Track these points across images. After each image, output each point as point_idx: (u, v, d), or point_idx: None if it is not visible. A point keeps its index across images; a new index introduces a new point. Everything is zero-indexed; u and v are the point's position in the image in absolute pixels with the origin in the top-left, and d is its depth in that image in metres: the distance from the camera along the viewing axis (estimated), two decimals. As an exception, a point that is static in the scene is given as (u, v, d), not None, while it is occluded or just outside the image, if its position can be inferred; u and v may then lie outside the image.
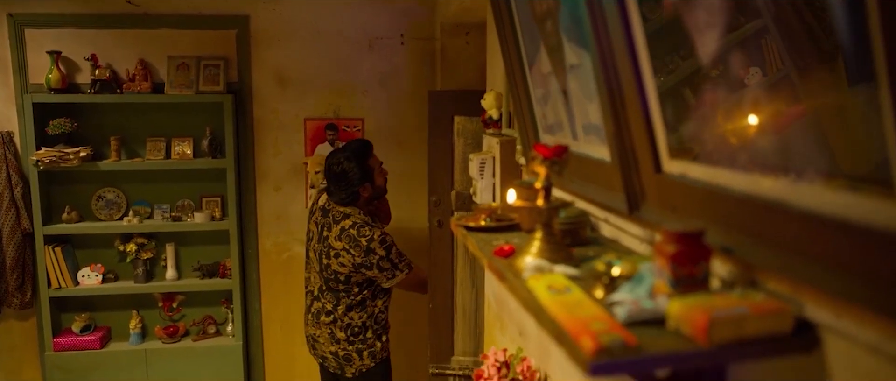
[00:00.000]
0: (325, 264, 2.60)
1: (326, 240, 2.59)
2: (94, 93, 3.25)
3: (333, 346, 2.68)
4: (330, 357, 2.72)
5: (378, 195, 2.80)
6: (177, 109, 3.41)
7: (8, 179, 3.24)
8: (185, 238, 3.51)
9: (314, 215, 2.71)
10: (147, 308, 3.52)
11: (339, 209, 2.62)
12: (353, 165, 2.58)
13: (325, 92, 3.54)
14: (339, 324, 2.65)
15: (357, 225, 2.57)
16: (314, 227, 2.69)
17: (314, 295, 2.72)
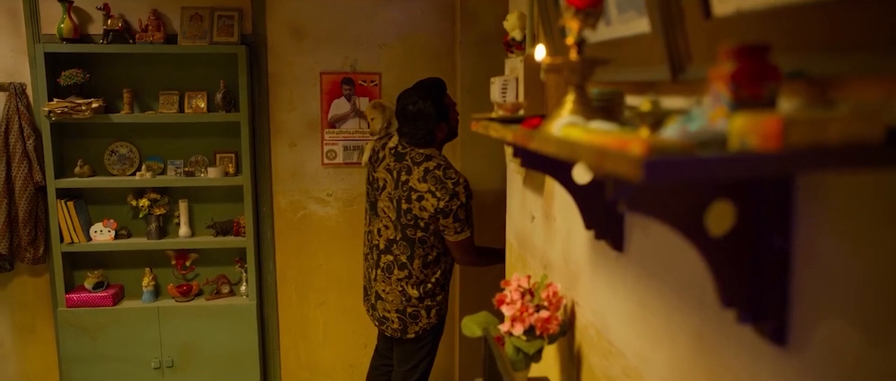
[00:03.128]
0: (404, 210, 2.50)
1: (406, 183, 2.49)
2: (107, 43, 3.18)
3: (402, 304, 2.58)
4: (394, 317, 2.61)
5: (452, 136, 2.70)
6: (190, 61, 3.32)
7: (20, 132, 3.18)
8: (198, 194, 3.43)
9: (383, 162, 2.58)
10: (160, 266, 3.45)
11: (419, 151, 2.52)
12: (429, 104, 2.50)
13: (341, 45, 3.44)
14: (412, 280, 2.56)
15: (442, 167, 2.51)
16: (386, 174, 2.55)
17: (382, 249, 2.58)
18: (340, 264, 3.58)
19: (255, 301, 3.40)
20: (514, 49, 2.03)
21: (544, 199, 1.95)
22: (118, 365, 3.32)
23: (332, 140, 3.47)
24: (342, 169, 3.51)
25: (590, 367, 1.55)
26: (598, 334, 1.50)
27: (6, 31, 3.24)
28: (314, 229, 3.54)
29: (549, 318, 1.57)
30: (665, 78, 1.06)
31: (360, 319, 3.63)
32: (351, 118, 3.47)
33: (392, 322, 2.61)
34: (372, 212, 2.63)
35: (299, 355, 3.63)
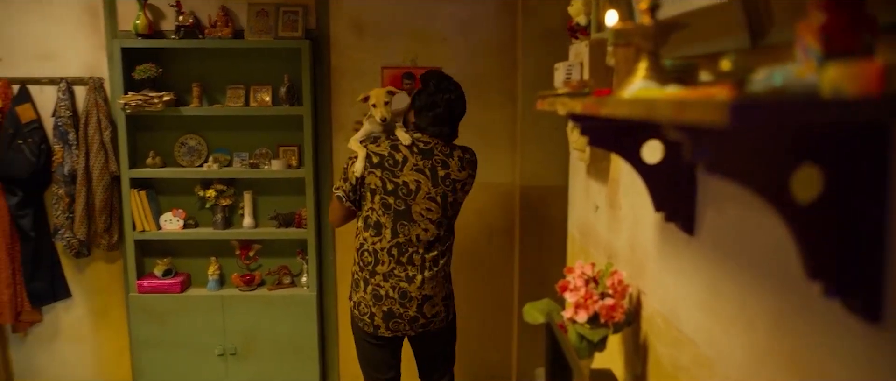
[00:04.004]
0: (450, 203, 2.48)
1: (448, 177, 2.44)
2: (179, 39, 3.29)
3: (445, 288, 2.57)
4: (441, 307, 2.55)
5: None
6: (256, 55, 3.40)
7: (98, 123, 3.32)
8: (262, 186, 3.51)
9: (408, 164, 2.40)
10: (225, 256, 3.54)
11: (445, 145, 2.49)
12: (461, 95, 2.53)
13: (402, 40, 3.46)
14: (448, 261, 2.59)
15: (467, 150, 2.57)
16: (418, 175, 2.40)
17: (425, 250, 2.46)
18: (399, 257, 3.60)
19: (315, 292, 3.45)
20: (578, 34, 1.99)
21: (609, 187, 1.90)
22: (185, 351, 3.42)
23: (393, 134, 3.49)
24: (402, 163, 3.52)
25: (657, 358, 1.50)
26: (665, 323, 1.45)
27: (87, 28, 3.39)
28: (373, 223, 3.56)
29: (614, 306, 1.52)
30: (744, 46, 1.01)
31: (418, 313, 3.64)
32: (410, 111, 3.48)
33: (439, 313, 2.56)
34: (402, 220, 2.40)
35: (357, 347, 3.66)
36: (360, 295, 2.48)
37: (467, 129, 3.48)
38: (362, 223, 2.46)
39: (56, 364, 3.65)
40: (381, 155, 2.40)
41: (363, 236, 2.45)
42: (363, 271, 2.46)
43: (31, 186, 3.39)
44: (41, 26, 3.39)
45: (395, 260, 2.43)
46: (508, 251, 3.58)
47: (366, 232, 2.45)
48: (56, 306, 3.60)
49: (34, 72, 3.40)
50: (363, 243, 2.45)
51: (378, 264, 2.44)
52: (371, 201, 2.41)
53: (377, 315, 2.48)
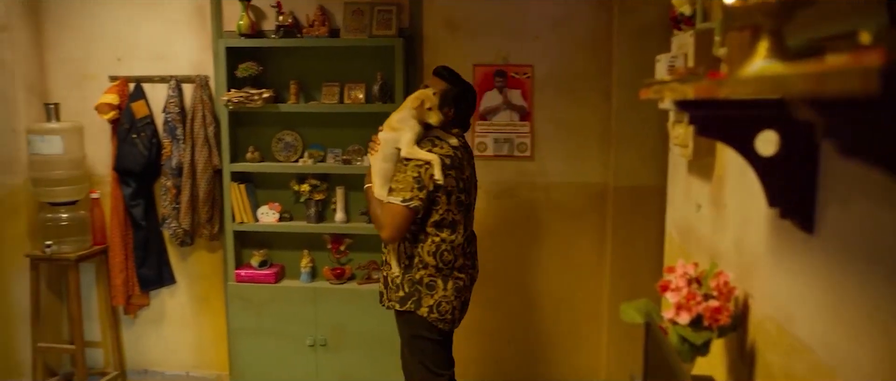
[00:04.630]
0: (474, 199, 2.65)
1: (474, 173, 2.65)
2: (278, 38, 3.41)
3: None
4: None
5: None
6: (350, 53, 3.48)
7: (203, 119, 3.49)
8: (355, 182, 3.57)
9: (464, 160, 2.52)
10: (317, 249, 3.64)
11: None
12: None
13: (494, 37, 3.44)
14: None
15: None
16: (470, 169, 2.59)
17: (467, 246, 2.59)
18: (486, 256, 3.56)
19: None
20: (682, 25, 1.90)
21: (713, 185, 1.80)
22: (278, 339, 3.53)
23: (483, 132, 3.48)
24: (492, 162, 3.50)
25: (766, 365, 1.40)
26: (778, 329, 1.35)
27: (194, 29, 3.58)
28: (462, 221, 3.56)
29: (719, 308, 1.43)
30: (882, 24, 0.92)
31: (506, 313, 3.60)
32: (503, 110, 3.46)
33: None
34: (468, 213, 2.56)
35: (443, 344, 3.67)
36: (441, 294, 2.48)
37: (558, 127, 3.43)
38: (434, 227, 2.44)
39: (161, 345, 3.87)
40: (449, 156, 2.42)
41: (439, 237, 2.45)
42: (442, 270, 2.47)
43: (142, 178, 3.61)
44: (155, 28, 3.60)
45: (464, 254, 2.54)
46: (599, 253, 3.48)
47: (442, 233, 2.45)
48: (162, 292, 3.82)
49: (148, 71, 3.62)
50: (440, 244, 2.45)
51: (456, 260, 2.50)
52: (447, 203, 2.43)
53: (457, 309, 2.53)
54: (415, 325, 2.52)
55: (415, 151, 2.39)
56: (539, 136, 3.46)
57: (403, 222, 2.37)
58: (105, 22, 3.63)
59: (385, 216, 2.40)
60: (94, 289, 3.83)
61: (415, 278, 2.48)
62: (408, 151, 2.39)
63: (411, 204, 2.35)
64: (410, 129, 2.42)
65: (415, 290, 2.48)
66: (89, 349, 3.80)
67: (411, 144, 2.40)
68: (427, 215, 2.42)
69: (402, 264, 2.52)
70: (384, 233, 2.42)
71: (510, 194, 3.52)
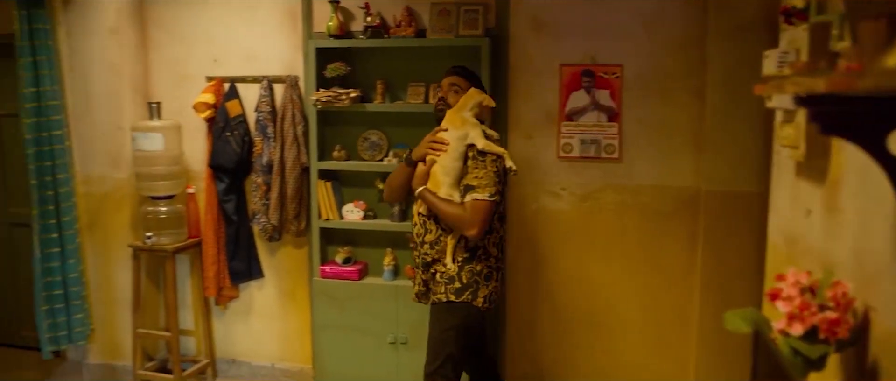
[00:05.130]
0: None
1: None
2: (366, 38, 3.46)
3: None
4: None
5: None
6: (437, 54, 3.49)
7: (292, 118, 3.59)
8: (437, 182, 3.59)
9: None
10: (400, 248, 3.67)
11: None
12: None
13: (581, 37, 3.36)
14: None
15: None
16: None
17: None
18: (571, 261, 3.51)
19: (484, 289, 3.46)
20: (794, 19, 1.79)
21: (827, 188, 1.68)
22: (360, 336, 3.58)
23: (570, 133, 3.41)
24: (578, 163, 3.43)
25: (891, 385, 1.29)
26: (906, 344, 1.24)
27: (285, 30, 3.69)
28: (546, 224, 3.50)
29: (837, 320, 1.34)
30: None
31: (589, 319, 3.51)
32: (590, 111, 3.38)
33: None
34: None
35: (524, 348, 3.62)
36: (494, 284, 2.65)
37: (647, 128, 3.33)
38: (498, 218, 2.63)
39: (248, 337, 4.00)
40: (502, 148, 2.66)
41: (502, 230, 2.67)
42: (499, 260, 2.66)
43: (235, 175, 3.74)
44: (248, 31, 3.74)
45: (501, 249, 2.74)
46: (689, 259, 3.35)
47: (502, 226, 2.68)
48: (251, 285, 3.95)
49: (241, 71, 3.76)
50: (503, 235, 2.67)
51: (502, 250, 2.73)
52: (505, 195, 2.61)
53: (498, 295, 2.73)
54: (465, 315, 2.60)
55: (490, 145, 2.53)
56: (627, 137, 3.36)
57: (490, 217, 2.51)
58: (203, 25, 3.79)
59: (473, 214, 2.47)
60: (188, 280, 4.01)
61: (475, 270, 2.59)
62: (484, 145, 2.53)
63: (495, 198, 2.50)
64: (477, 126, 2.56)
65: (473, 281, 2.59)
66: (183, 337, 3.98)
67: (484, 139, 2.53)
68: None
69: (458, 259, 2.62)
70: (472, 231, 2.48)
71: (596, 196, 3.44)
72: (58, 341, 3.80)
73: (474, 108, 2.56)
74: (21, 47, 3.54)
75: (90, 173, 3.85)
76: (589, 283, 3.50)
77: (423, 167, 2.68)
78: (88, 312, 3.91)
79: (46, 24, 3.61)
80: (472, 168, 2.50)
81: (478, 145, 2.53)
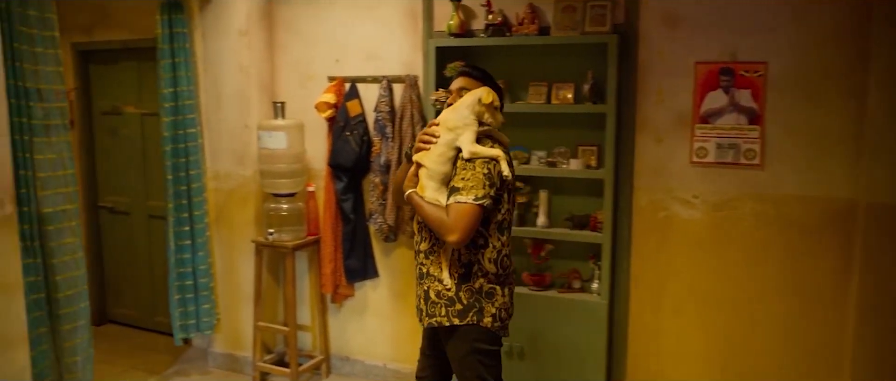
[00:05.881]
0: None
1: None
2: (487, 37, 3.37)
3: None
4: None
5: None
6: (560, 52, 3.34)
7: (411, 118, 3.56)
8: (558, 186, 3.44)
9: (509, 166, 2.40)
10: (518, 253, 3.54)
11: None
12: None
13: (720, 32, 3.09)
14: None
15: None
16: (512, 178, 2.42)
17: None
18: (702, 273, 3.24)
19: (606, 301, 3.27)
20: None
21: None
22: (473, 342, 3.50)
23: (704, 136, 3.15)
24: (712, 169, 3.16)
25: None
26: None
27: (406, 30, 3.67)
28: (675, 233, 3.26)
29: None
30: None
31: (721, 337, 3.24)
32: (728, 113, 3.11)
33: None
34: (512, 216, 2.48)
35: (648, 364, 3.39)
36: (500, 302, 2.38)
37: (795, 132, 3.01)
38: (496, 229, 2.34)
39: (362, 335, 4.03)
40: (507, 152, 2.40)
41: (500, 242, 2.36)
42: (500, 276, 2.38)
43: (353, 174, 3.77)
44: (369, 31, 3.75)
45: (511, 261, 2.49)
46: (842, 281, 2.99)
47: (503, 237, 2.38)
48: (366, 284, 3.97)
49: (362, 71, 3.78)
50: (501, 249, 2.37)
51: (512, 263, 2.47)
52: (508, 203, 2.37)
53: (511, 315, 2.46)
54: (474, 338, 2.36)
55: (478, 148, 2.28)
56: (771, 141, 3.06)
57: (475, 223, 2.21)
58: (327, 26, 3.85)
59: (455, 218, 2.19)
60: (306, 276, 4.09)
61: (474, 288, 2.34)
62: (470, 150, 2.27)
63: (484, 202, 2.21)
64: (470, 128, 2.31)
65: (475, 301, 2.34)
66: (300, 332, 4.07)
67: (473, 143, 2.29)
68: (488, 217, 2.30)
69: (455, 274, 2.35)
70: (454, 236, 2.19)
71: (732, 205, 3.16)
72: (187, 329, 3.99)
73: (473, 106, 2.32)
74: (162, 50, 3.74)
75: (219, 170, 4.01)
76: (722, 301, 3.22)
77: (412, 167, 2.43)
78: (215, 303, 4.08)
79: (185, 28, 3.80)
80: (460, 169, 2.28)
81: (463, 152, 2.28)
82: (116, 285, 4.90)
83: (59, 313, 3.07)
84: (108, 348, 4.47)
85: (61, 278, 3.06)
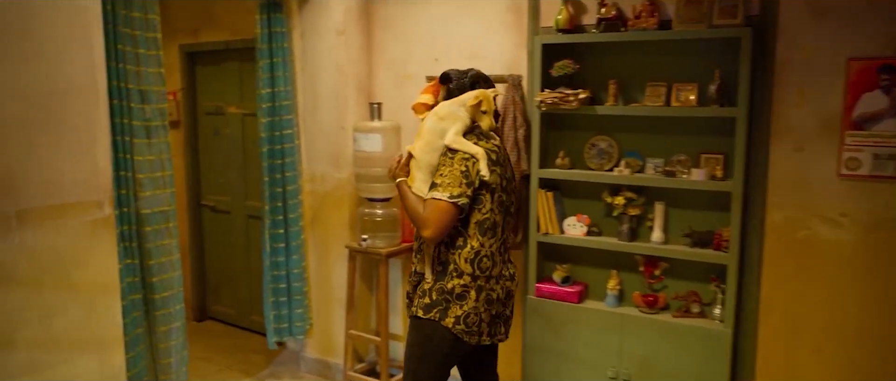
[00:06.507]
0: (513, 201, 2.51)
1: (512, 181, 2.50)
2: (599, 32, 3.07)
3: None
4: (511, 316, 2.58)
5: None
6: (682, 48, 2.99)
7: (514, 121, 3.31)
8: (677, 198, 3.08)
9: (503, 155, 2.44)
10: (627, 271, 3.22)
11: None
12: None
13: (880, 22, 2.63)
14: None
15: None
16: (499, 180, 2.38)
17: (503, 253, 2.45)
18: (849, 306, 2.79)
19: (730, 329, 2.89)
20: None
21: None
22: (575, 365, 3.21)
23: (857, 145, 2.70)
24: (867, 183, 2.70)
25: None
26: None
27: (510, 27, 3.42)
28: (818, 256, 2.83)
29: None
30: None
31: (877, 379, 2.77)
32: (888, 118, 2.64)
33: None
34: (507, 216, 2.44)
35: (779, 406, 2.98)
36: (470, 306, 2.34)
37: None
38: (476, 229, 2.32)
39: (456, 350, 3.82)
40: (494, 151, 2.34)
41: (479, 242, 2.32)
42: (478, 279, 2.34)
43: (450, 179, 3.56)
44: (470, 28, 3.53)
45: (501, 259, 2.41)
46: None
47: (483, 237, 2.33)
48: (461, 296, 3.76)
49: (462, 71, 3.57)
50: (480, 249, 2.33)
51: (494, 267, 2.37)
52: (490, 202, 2.32)
53: (485, 322, 2.38)
54: (429, 334, 2.37)
55: (461, 141, 2.28)
56: (943, 153, 2.57)
57: (449, 220, 2.25)
58: (425, 23, 3.67)
59: (429, 213, 2.25)
60: (399, 285, 3.93)
61: (446, 288, 2.34)
62: (453, 139, 2.29)
63: (459, 201, 2.23)
64: (459, 121, 2.33)
65: (443, 299, 2.34)
66: (392, 342, 3.92)
67: (458, 135, 2.29)
68: (468, 216, 2.30)
69: (434, 271, 2.39)
70: (427, 231, 2.26)
71: (891, 226, 2.69)
72: (281, 333, 3.94)
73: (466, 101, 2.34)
74: (260, 50, 3.69)
75: (314, 172, 3.93)
76: (874, 341, 2.75)
77: (406, 156, 2.47)
78: (308, 307, 4.01)
79: (284, 27, 3.74)
80: (441, 164, 2.32)
81: (447, 139, 2.31)
82: (216, 283, 4.97)
83: (156, 314, 3.06)
84: (208, 344, 4.52)
85: (158, 280, 3.04)
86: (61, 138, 2.35)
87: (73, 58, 2.35)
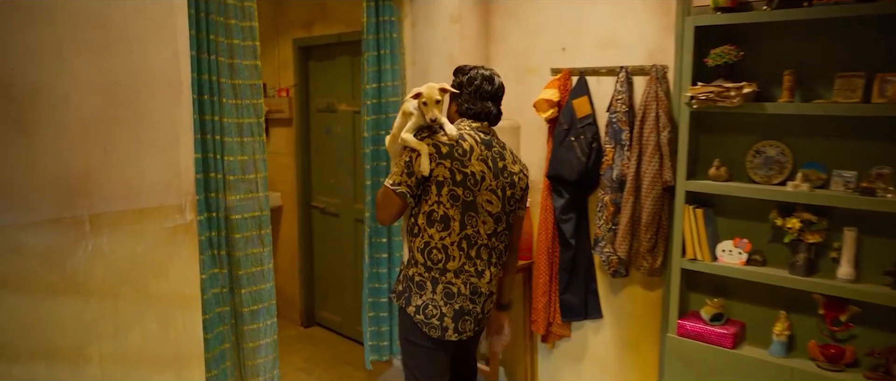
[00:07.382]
0: (508, 197, 2.36)
1: (505, 169, 2.36)
2: (772, 10, 2.42)
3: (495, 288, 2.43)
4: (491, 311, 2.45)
5: None
6: (891, 26, 2.28)
7: (656, 121, 2.74)
8: (875, 223, 2.37)
9: (474, 153, 2.28)
10: (801, 312, 2.56)
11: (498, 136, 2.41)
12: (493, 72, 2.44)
13: None
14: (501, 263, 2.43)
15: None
16: (483, 165, 2.29)
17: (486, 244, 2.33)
18: None
19: (951, 402, 2.15)
20: None
21: None
22: (728, 425, 2.58)
23: None
24: None
25: None
26: None
27: (651, 7, 2.85)
28: None
29: None
30: None
31: None
32: None
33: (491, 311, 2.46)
34: (470, 211, 2.29)
35: None
36: (428, 296, 2.32)
37: None
38: (425, 220, 2.29)
39: (577, 388, 3.29)
40: (449, 145, 2.27)
41: (428, 234, 2.30)
42: (431, 270, 2.31)
43: (577, 189, 3.05)
44: (604, 11, 2.99)
45: (465, 255, 2.32)
46: None
47: (431, 229, 2.29)
48: (585, 325, 3.23)
49: (594, 62, 3.04)
50: (429, 241, 2.30)
51: (449, 260, 2.30)
52: (437, 195, 2.27)
53: (447, 315, 2.31)
54: (405, 325, 2.39)
55: (408, 137, 2.30)
56: None
57: (390, 206, 2.30)
58: (550, 9, 3.17)
59: (377, 199, 2.34)
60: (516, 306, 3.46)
61: (408, 274, 2.38)
62: (403, 135, 2.31)
63: (398, 189, 2.27)
64: (415, 116, 2.31)
65: (407, 287, 2.37)
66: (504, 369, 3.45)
67: (409, 131, 2.30)
68: (419, 208, 2.31)
69: (405, 258, 2.45)
70: (377, 215, 2.36)
71: None
72: (379, 351, 3.60)
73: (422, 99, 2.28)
74: (366, 41, 3.36)
75: (424, 176, 3.55)
76: None
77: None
78: (412, 325, 3.64)
79: (393, 16, 3.38)
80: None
81: (402, 134, 2.31)
82: (324, 288, 4.75)
83: (244, 329, 2.81)
84: (310, 354, 4.30)
85: (247, 292, 2.79)
86: (141, 137, 2.14)
87: (156, 48, 2.13)
